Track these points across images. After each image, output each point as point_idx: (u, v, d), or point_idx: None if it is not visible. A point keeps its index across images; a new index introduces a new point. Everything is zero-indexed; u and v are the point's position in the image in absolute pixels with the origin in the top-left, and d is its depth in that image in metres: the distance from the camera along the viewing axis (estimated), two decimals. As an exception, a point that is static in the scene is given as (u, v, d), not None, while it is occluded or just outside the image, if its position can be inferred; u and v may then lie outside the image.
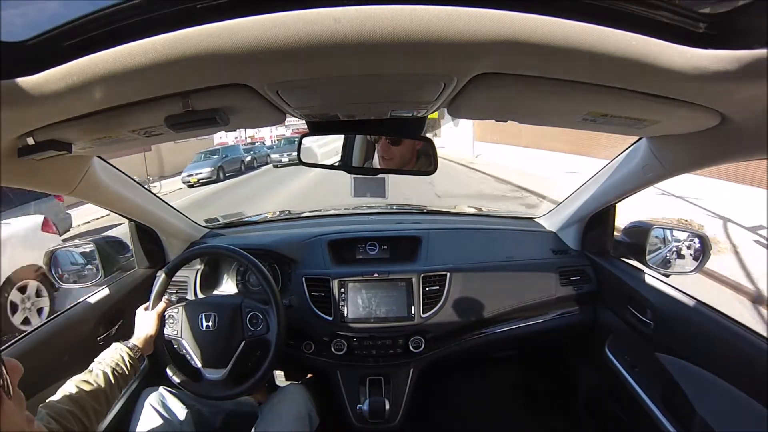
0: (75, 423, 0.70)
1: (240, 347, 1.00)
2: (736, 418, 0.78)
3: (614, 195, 1.11)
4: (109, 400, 0.79)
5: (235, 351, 1.00)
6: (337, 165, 0.94)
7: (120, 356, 0.86)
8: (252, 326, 1.02)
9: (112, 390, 0.80)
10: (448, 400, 1.62)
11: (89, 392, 0.75)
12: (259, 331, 1.02)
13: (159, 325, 0.99)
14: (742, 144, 0.63)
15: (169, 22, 0.38)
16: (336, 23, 0.37)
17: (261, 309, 1.04)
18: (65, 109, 0.51)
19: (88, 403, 0.74)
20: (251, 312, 1.03)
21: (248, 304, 1.04)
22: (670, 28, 0.39)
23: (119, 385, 0.83)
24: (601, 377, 1.26)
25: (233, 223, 1.69)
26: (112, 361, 0.84)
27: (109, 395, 0.79)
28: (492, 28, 0.38)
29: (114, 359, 0.84)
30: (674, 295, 0.99)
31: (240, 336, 1.01)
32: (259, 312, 1.03)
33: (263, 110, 0.60)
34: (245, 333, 1.02)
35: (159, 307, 1.00)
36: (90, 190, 0.90)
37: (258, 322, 1.03)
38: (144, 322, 0.98)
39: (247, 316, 1.03)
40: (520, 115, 0.71)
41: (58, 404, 0.71)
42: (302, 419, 1.05)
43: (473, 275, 1.26)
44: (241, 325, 1.02)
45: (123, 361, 0.85)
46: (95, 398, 0.76)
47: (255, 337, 1.02)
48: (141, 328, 0.97)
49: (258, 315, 1.03)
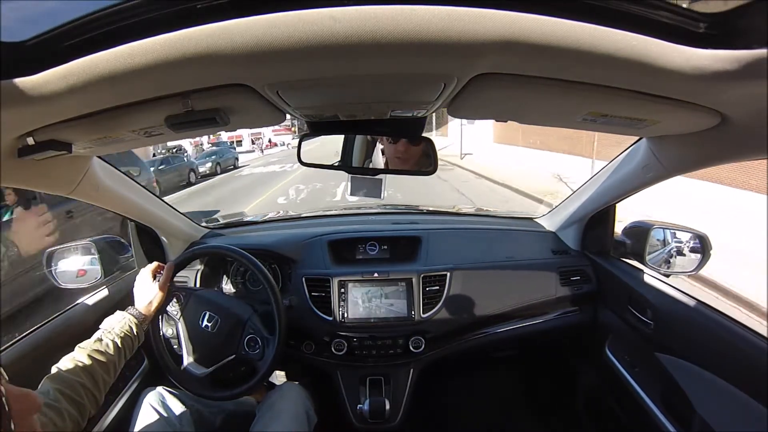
0: (85, 395, 0.68)
1: (228, 359, 0.99)
2: (736, 418, 0.78)
3: (614, 195, 1.11)
4: (117, 369, 0.77)
5: (222, 359, 0.99)
6: (337, 165, 0.94)
7: (129, 326, 0.84)
8: (248, 348, 1.01)
9: (120, 361, 0.78)
10: (448, 400, 1.62)
11: (101, 363, 0.73)
12: (253, 354, 1.00)
13: (164, 296, 0.97)
14: (742, 144, 0.63)
15: (169, 23, 0.38)
16: (336, 23, 0.37)
17: (263, 337, 1.01)
18: (65, 109, 0.51)
19: (99, 374, 0.72)
20: (252, 335, 1.01)
21: (253, 326, 1.02)
22: (670, 28, 0.39)
23: (125, 355, 0.81)
24: (601, 377, 1.26)
25: (233, 224, 1.69)
26: (121, 331, 0.82)
27: (117, 366, 0.77)
28: (492, 28, 0.38)
29: (123, 329, 0.82)
30: (674, 295, 0.99)
31: (232, 349, 1.00)
32: (260, 338, 1.01)
33: (263, 110, 0.60)
34: (239, 350, 1.00)
35: (164, 281, 0.97)
36: (90, 190, 0.90)
37: (255, 347, 1.01)
38: (148, 290, 0.95)
39: (247, 336, 1.01)
40: (520, 115, 0.71)
41: (69, 376, 0.68)
42: (300, 417, 1.05)
43: (473, 275, 1.26)
44: (239, 340, 1.01)
45: (131, 331, 0.83)
46: (106, 369, 0.73)
47: (247, 357, 1.00)
48: (146, 296, 0.94)
49: (258, 340, 1.01)
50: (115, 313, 0.88)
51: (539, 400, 1.62)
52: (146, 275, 0.99)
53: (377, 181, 0.91)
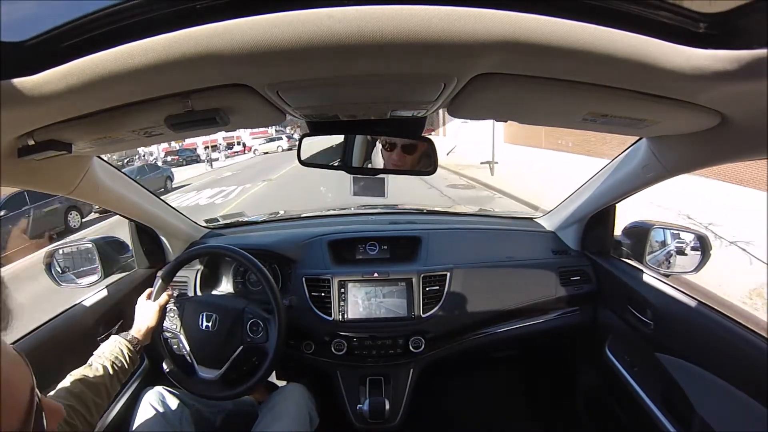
0: (75, 417, 0.70)
1: (237, 351, 1.00)
2: (736, 418, 0.78)
3: (614, 195, 1.11)
4: (109, 392, 0.79)
5: (231, 354, 1.00)
6: (337, 165, 0.94)
7: (119, 349, 0.85)
8: (252, 333, 1.02)
9: (113, 383, 0.80)
10: (448, 400, 1.62)
11: (89, 386, 0.75)
12: (258, 338, 1.02)
13: (160, 317, 0.98)
14: (742, 144, 0.63)
15: (168, 23, 0.38)
16: (336, 23, 0.37)
17: (263, 317, 1.03)
18: (65, 109, 0.51)
19: (89, 396, 0.73)
20: (253, 319, 1.03)
21: (251, 311, 1.04)
22: (670, 28, 0.39)
23: (119, 378, 0.82)
24: (601, 377, 1.26)
25: (233, 224, 1.69)
26: (111, 354, 0.83)
27: (109, 388, 0.79)
28: (492, 28, 0.38)
29: (113, 352, 0.84)
30: (674, 295, 0.99)
31: (239, 341, 1.01)
32: (260, 320, 1.03)
33: (263, 110, 0.60)
34: (244, 338, 1.01)
35: (162, 299, 0.99)
36: (90, 191, 0.90)
37: (258, 330, 1.02)
38: (144, 313, 0.97)
39: (248, 322, 1.02)
40: (520, 115, 0.71)
41: (60, 401, 0.70)
42: (303, 419, 1.05)
43: (473, 275, 1.26)
44: (241, 330, 1.02)
45: (122, 354, 0.85)
46: (96, 392, 0.75)
47: (253, 344, 1.01)
48: (141, 319, 0.96)
49: (259, 323, 1.03)
50: (110, 338, 0.89)
51: (539, 400, 1.61)
52: (142, 299, 1.00)
53: (380, 181, 0.91)
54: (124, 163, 13.51)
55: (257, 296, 1.31)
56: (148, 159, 21.32)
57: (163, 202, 1.29)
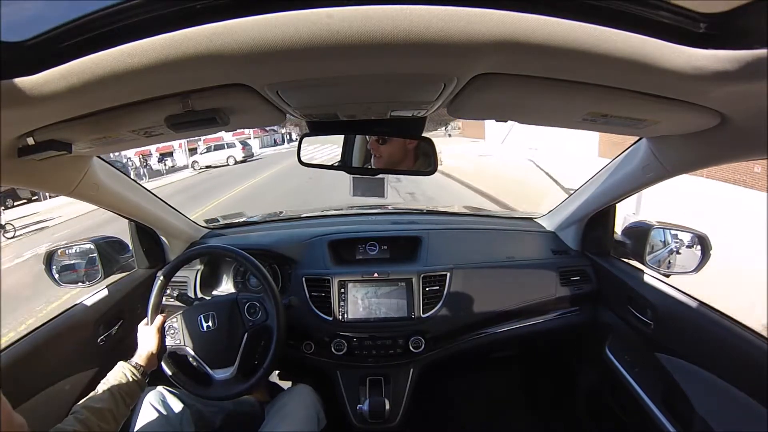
0: None
1: (244, 340, 1.01)
2: (736, 418, 0.78)
3: (614, 195, 1.11)
4: (116, 417, 0.80)
5: (239, 345, 1.00)
6: (337, 165, 0.94)
7: (123, 374, 0.87)
8: (251, 315, 1.04)
9: (119, 407, 0.82)
10: (448, 400, 1.62)
11: (94, 412, 0.77)
12: (258, 319, 1.03)
13: (160, 339, 0.98)
14: (742, 144, 0.63)
15: (169, 23, 0.38)
16: (335, 24, 0.37)
17: (257, 297, 1.06)
18: (65, 109, 0.51)
19: (94, 422, 0.75)
20: (248, 302, 1.05)
21: (244, 296, 1.06)
22: (670, 28, 0.39)
23: (126, 402, 0.84)
24: (601, 377, 1.26)
25: (233, 224, 1.69)
26: (115, 381, 0.85)
27: (116, 413, 0.80)
28: (492, 28, 0.38)
29: (117, 378, 0.86)
30: (674, 295, 0.99)
31: (242, 328, 1.02)
32: (255, 301, 1.05)
33: (263, 110, 0.61)
34: (246, 324, 1.03)
35: (157, 321, 0.99)
36: (90, 191, 0.90)
37: (256, 311, 1.04)
38: (145, 338, 0.97)
39: (244, 307, 1.04)
40: (520, 115, 0.71)
41: (62, 426, 0.71)
42: (311, 420, 1.05)
43: (473, 275, 1.26)
44: (241, 317, 1.03)
45: (126, 378, 0.87)
46: (101, 417, 0.77)
47: (256, 326, 1.03)
48: (143, 345, 0.96)
49: (255, 304, 1.05)
50: (116, 365, 0.90)
51: (539, 400, 1.62)
52: (140, 327, 1.01)
53: (380, 181, 0.91)
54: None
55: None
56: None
57: (163, 202, 1.29)
